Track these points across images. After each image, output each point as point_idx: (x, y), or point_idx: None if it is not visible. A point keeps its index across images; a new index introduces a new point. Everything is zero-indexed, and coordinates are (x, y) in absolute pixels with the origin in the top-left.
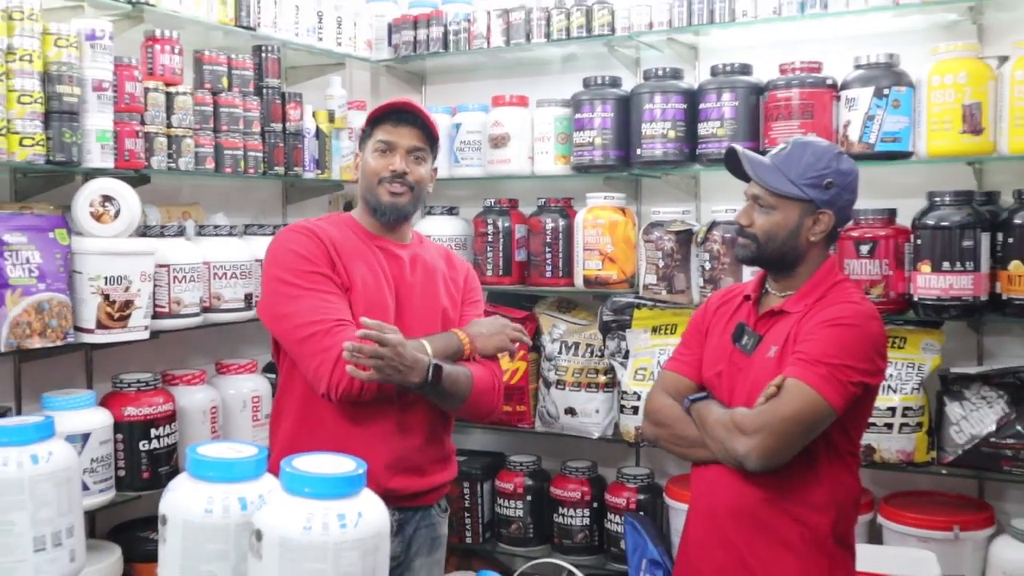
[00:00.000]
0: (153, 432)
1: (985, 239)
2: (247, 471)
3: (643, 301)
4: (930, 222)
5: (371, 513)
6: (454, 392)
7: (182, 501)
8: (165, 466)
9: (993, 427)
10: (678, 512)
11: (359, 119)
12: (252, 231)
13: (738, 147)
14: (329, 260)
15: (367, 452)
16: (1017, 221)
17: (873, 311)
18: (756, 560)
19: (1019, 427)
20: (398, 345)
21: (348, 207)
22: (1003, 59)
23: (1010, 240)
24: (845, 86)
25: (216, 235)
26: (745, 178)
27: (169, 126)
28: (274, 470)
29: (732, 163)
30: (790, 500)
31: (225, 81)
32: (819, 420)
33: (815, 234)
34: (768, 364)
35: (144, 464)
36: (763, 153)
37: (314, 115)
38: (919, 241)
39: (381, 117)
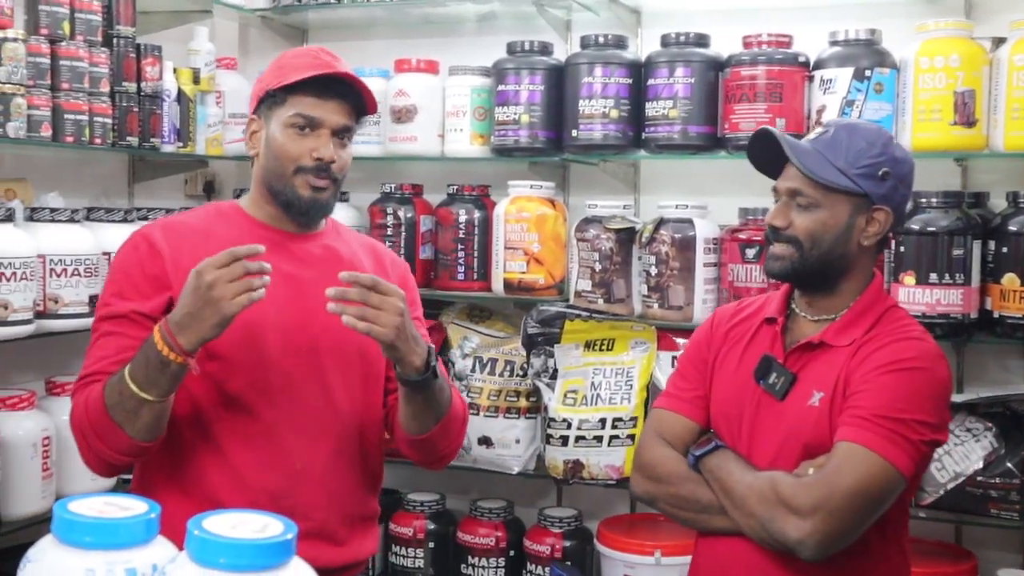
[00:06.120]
0: None
1: (976, 248)
2: (137, 534)
3: (576, 311)
4: (915, 227)
5: None
6: (437, 403)
7: (52, 574)
8: None
9: (980, 464)
10: (612, 562)
11: (230, 81)
12: (97, 216)
13: (774, 130)
14: (155, 281)
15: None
16: (1012, 228)
17: (939, 350)
18: None
19: (1009, 464)
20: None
21: (209, 188)
22: (998, 41)
23: (1004, 249)
24: (819, 65)
25: (53, 220)
26: (769, 171)
27: None
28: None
29: (756, 149)
30: None
31: (67, 27)
32: (888, 492)
33: (868, 237)
34: (809, 415)
35: None
36: (799, 137)
37: (175, 74)
38: (902, 248)
39: (301, 83)
